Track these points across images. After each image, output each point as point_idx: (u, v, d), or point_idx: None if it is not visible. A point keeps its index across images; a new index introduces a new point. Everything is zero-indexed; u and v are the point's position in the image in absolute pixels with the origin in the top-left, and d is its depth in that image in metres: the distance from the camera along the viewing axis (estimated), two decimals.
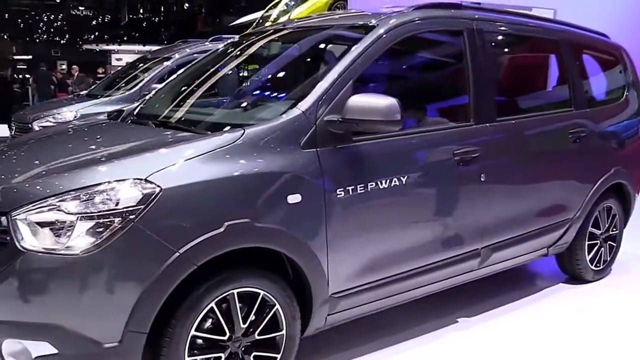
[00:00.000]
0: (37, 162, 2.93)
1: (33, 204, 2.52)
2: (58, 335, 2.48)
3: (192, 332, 2.69)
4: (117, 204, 2.50)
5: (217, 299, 2.73)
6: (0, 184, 2.77)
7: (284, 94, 3.36)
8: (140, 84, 7.87)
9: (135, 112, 3.87)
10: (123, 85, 8.47)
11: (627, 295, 4.65)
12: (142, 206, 2.51)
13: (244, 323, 2.83)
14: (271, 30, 4.18)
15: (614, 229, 4.96)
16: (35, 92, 19.12)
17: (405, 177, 3.28)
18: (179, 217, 2.59)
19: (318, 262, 2.99)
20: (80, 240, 2.47)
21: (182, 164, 2.67)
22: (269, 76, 3.97)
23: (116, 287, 2.51)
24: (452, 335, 3.86)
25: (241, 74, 4.03)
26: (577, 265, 4.75)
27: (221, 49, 4.34)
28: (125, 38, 41.38)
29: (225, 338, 2.79)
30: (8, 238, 2.53)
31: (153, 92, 4.28)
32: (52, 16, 41.35)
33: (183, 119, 3.59)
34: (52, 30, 45.72)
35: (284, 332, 2.97)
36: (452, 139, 3.63)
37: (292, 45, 3.94)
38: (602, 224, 4.83)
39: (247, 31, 4.97)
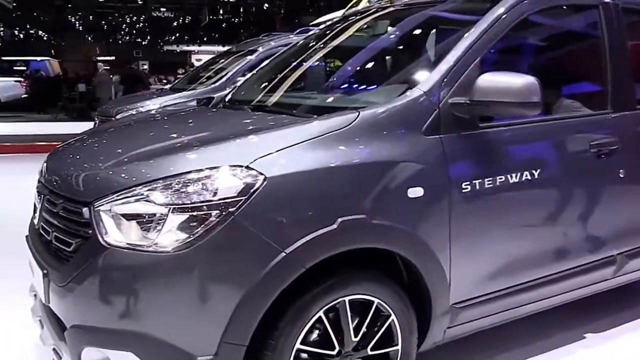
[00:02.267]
0: (120, 149, 2.62)
1: (118, 194, 2.21)
2: (144, 345, 2.17)
3: (297, 346, 2.31)
4: (214, 195, 2.15)
5: (326, 308, 2.34)
6: (82, 171, 2.48)
7: (397, 75, 2.94)
8: (225, 77, 7.61)
9: (227, 98, 3.55)
10: (207, 78, 8.25)
11: None
12: (244, 197, 2.15)
13: (355, 336, 2.44)
14: (374, 9, 3.77)
15: None
16: (117, 90, 19.42)
17: (538, 170, 2.81)
18: (286, 211, 2.22)
19: (440, 266, 2.56)
20: (171, 236, 2.14)
21: (288, 150, 2.30)
22: (378, 56, 3.53)
23: (212, 292, 2.16)
24: (580, 353, 3.37)
25: (344, 55, 3.61)
26: None
27: (319, 31, 3.96)
28: (205, 39, 42.02)
29: (334, 353, 2.40)
30: (90, 232, 2.23)
31: (245, 78, 3.93)
32: (135, 18, 42.32)
33: (283, 103, 3.23)
34: (134, 31, 46.90)
35: (399, 346, 2.56)
36: (589, 129, 3.14)
37: (401, 23, 3.50)
38: None
39: (347, 12, 4.55)
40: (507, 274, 2.84)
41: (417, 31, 3.40)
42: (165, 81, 20.37)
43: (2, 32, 42.54)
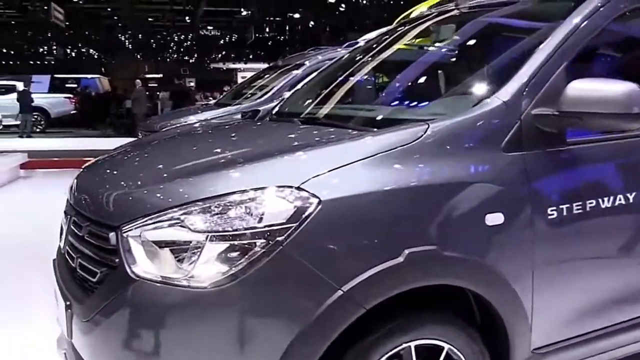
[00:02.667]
0: (157, 165, 2.34)
1: (150, 217, 1.91)
2: None
3: None
4: (259, 221, 1.83)
5: (388, 355, 1.98)
6: (113, 190, 2.18)
7: (468, 83, 2.57)
8: (272, 91, 7.35)
9: (274, 111, 3.23)
10: (253, 93, 8.00)
11: None
12: (294, 224, 1.82)
13: None
14: (436, 13, 3.41)
15: None
16: (165, 106, 19.49)
17: (633, 194, 2.39)
18: (343, 241, 1.88)
19: (521, 305, 2.18)
20: (208, 268, 1.82)
21: (346, 169, 1.95)
22: (443, 63, 3.15)
23: (255, 336, 1.83)
24: None
25: (403, 64, 3.24)
26: None
27: (372, 41, 3.62)
28: (250, 56, 42.23)
29: None
30: (117, 260, 1.93)
31: (292, 91, 3.62)
32: (182, 36, 42.86)
33: (336, 115, 2.89)
34: (181, 49, 47.49)
35: None
36: None
37: (469, 26, 3.12)
38: None
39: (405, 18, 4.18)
40: (598, 313, 2.42)
41: (488, 35, 3.01)
42: (211, 98, 20.36)
43: (55, 51, 43.60)
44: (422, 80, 3.13)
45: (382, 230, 1.92)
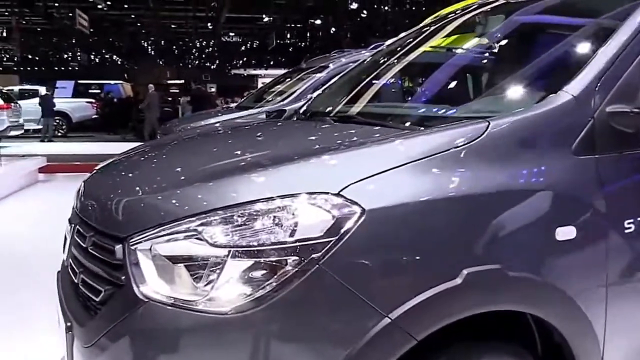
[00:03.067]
0: (178, 167, 2.06)
1: (162, 228, 1.62)
2: None
3: None
4: (291, 234, 1.53)
5: None
6: (123, 196, 1.90)
7: (530, 76, 2.25)
8: (295, 94, 7.05)
9: (302, 110, 2.94)
10: (276, 96, 7.73)
11: None
12: (333, 238, 1.52)
13: None
14: (482, 3, 3.07)
15: None
16: (185, 110, 19.33)
17: None
18: (391, 258, 1.58)
19: (592, 333, 1.86)
20: (230, 290, 1.53)
21: (391, 173, 1.65)
22: (496, 55, 2.77)
23: None
24: None
25: (449, 56, 2.90)
26: None
27: (411, 33, 3.31)
28: (271, 62, 42.06)
29: None
30: (123, 278, 1.64)
31: (321, 89, 3.32)
32: (204, 42, 42.84)
33: (375, 113, 2.58)
34: (203, 55, 47.47)
35: None
36: None
37: (523, 14, 2.76)
38: None
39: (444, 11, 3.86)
40: None
41: (547, 23, 2.67)
42: (231, 103, 20.19)
43: (79, 57, 43.83)
44: (472, 74, 2.81)
45: (437, 246, 1.62)
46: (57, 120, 21.07)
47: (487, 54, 2.81)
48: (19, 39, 32.00)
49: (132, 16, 34.19)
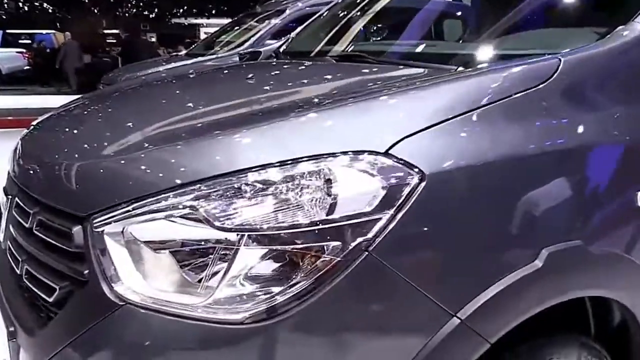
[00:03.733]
0: (149, 122, 1.56)
1: (137, 203, 1.15)
2: None
3: None
4: (329, 211, 1.09)
5: None
6: (74, 159, 1.41)
7: (584, 8, 1.83)
8: (251, 40, 6.51)
9: (283, 50, 2.46)
10: (229, 43, 7.15)
11: None
12: (387, 214, 1.09)
13: None
14: None
15: None
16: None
17: None
18: (457, 240, 1.16)
19: None
20: (242, 290, 1.09)
21: (450, 124, 1.22)
22: None
23: None
24: None
25: None
26: None
27: None
28: (213, 12, 40.65)
29: None
30: (86, 272, 1.18)
31: (302, 27, 2.84)
32: None
33: (395, 51, 2.11)
34: (141, 4, 45.51)
35: None
36: None
37: None
38: None
39: None
40: None
41: None
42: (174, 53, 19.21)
43: (6, 4, 41.35)
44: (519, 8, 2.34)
45: (514, 220, 1.22)
46: None
47: None
48: None
49: None
